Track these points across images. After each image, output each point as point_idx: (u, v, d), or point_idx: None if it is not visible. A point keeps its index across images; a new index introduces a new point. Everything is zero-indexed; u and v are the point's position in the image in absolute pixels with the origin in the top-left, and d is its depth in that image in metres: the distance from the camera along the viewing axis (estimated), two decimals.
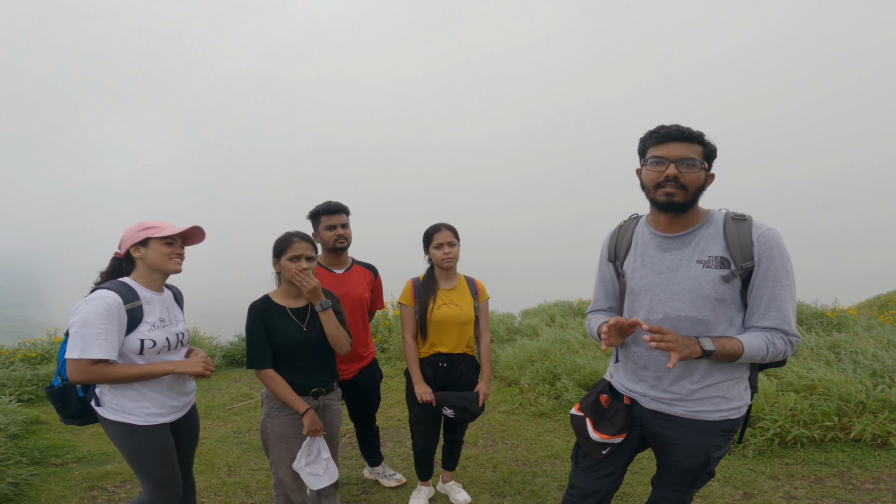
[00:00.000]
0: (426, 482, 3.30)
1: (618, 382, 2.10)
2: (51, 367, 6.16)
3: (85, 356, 2.04)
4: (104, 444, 4.25)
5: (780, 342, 1.78)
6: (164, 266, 2.27)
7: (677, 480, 2.03)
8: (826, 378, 4.10)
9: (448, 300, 2.97)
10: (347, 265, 3.21)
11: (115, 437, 2.25)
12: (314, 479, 2.58)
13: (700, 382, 1.88)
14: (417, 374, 2.98)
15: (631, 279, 2.01)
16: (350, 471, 3.77)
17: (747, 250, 1.79)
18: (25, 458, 3.79)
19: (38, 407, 5.31)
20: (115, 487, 3.50)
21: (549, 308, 8.54)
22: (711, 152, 1.85)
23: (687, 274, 1.85)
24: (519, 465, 3.79)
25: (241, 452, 4.11)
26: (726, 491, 3.28)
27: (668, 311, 1.88)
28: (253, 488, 3.49)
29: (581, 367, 5.21)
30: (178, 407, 2.35)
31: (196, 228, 2.36)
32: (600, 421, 2.04)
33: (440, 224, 2.97)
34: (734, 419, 1.92)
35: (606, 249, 2.15)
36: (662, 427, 1.98)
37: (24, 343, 7.39)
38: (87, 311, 2.07)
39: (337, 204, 3.09)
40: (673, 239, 1.91)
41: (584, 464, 2.16)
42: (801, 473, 3.46)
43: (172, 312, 2.39)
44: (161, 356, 2.26)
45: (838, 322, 6.20)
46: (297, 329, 2.55)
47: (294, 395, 2.51)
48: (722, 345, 1.78)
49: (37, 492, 3.40)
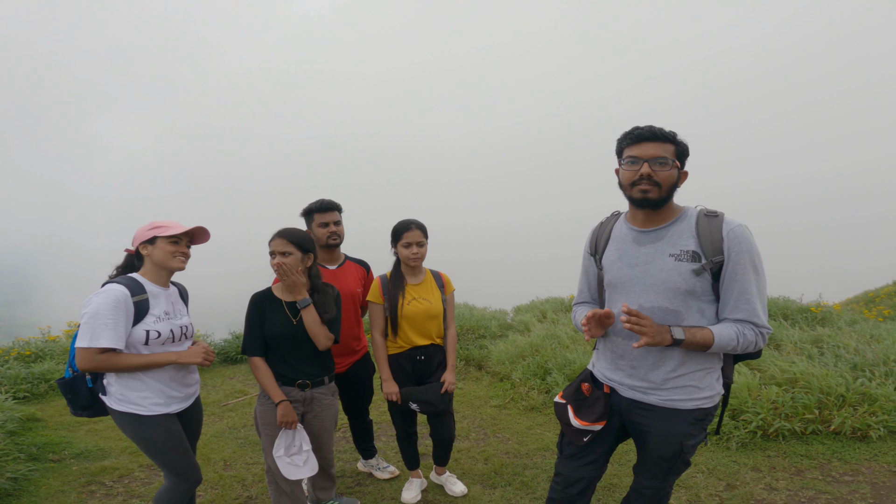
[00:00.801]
0: (416, 472, 3.39)
1: (598, 371, 2.21)
2: (45, 365, 6.20)
3: (94, 345, 2.18)
4: (101, 441, 4.31)
5: (751, 333, 1.88)
6: (169, 263, 2.40)
7: (654, 468, 2.12)
8: (807, 372, 4.21)
9: (417, 295, 3.04)
10: (340, 261, 3.28)
11: (125, 428, 2.37)
12: (293, 469, 2.67)
13: (673, 372, 1.97)
14: (386, 371, 3.07)
15: (609, 272, 2.11)
16: (344, 464, 3.85)
17: (718, 245, 1.88)
18: (23, 454, 3.83)
19: (34, 404, 5.35)
20: (112, 482, 3.56)
21: (540, 304, 8.65)
22: (683, 151, 1.95)
23: (660, 267, 1.95)
24: (510, 458, 3.88)
25: (237, 447, 4.18)
26: (710, 482, 3.38)
27: (642, 302, 1.98)
28: (249, 481, 3.56)
29: (571, 362, 5.30)
30: (179, 398, 2.46)
31: (201, 229, 2.50)
32: (581, 408, 2.13)
33: (410, 222, 3.00)
34: (706, 408, 2.01)
35: (588, 244, 2.27)
36: (639, 415, 2.07)
37: (18, 342, 7.41)
38: (97, 302, 2.21)
39: (330, 202, 3.17)
40: (648, 233, 2.01)
41: (567, 451, 2.25)
42: (782, 465, 3.56)
43: (177, 307, 2.53)
44: (165, 347, 2.40)
45: (823, 317, 6.33)
46: (286, 322, 2.68)
47: (273, 385, 2.65)
48: (693, 334, 1.87)
49: (35, 487, 3.45)
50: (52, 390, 5.87)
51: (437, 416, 3.11)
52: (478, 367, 6.42)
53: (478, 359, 6.48)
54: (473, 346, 6.77)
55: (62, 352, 6.88)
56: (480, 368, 6.36)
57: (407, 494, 3.29)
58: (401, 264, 3.07)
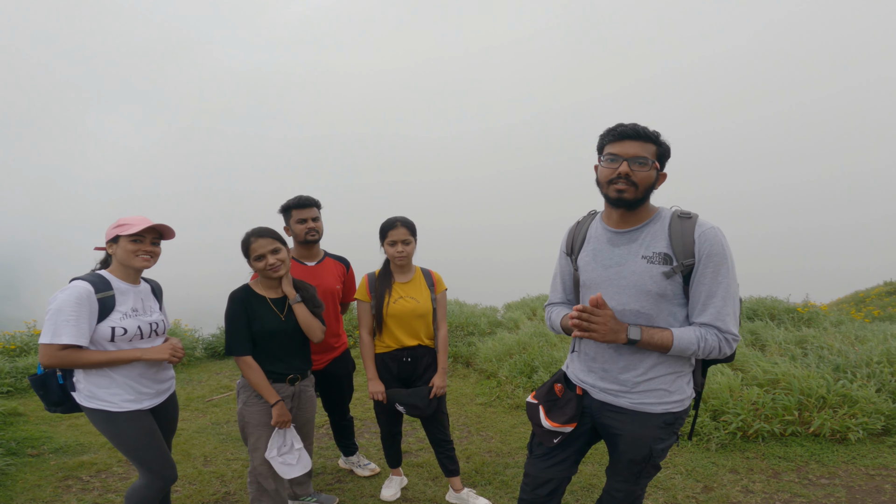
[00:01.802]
0: (397, 470, 3.38)
1: (572, 373, 2.19)
2: (30, 360, 6.18)
3: (55, 341, 2.16)
4: (81, 436, 4.29)
5: (713, 338, 1.84)
6: (131, 262, 2.37)
7: (625, 471, 2.11)
8: (789, 373, 4.20)
9: (404, 293, 3.00)
10: (319, 258, 3.27)
11: (98, 425, 2.35)
12: (287, 468, 2.67)
13: (644, 375, 1.96)
14: (372, 370, 3.03)
15: (583, 273, 2.08)
16: (325, 460, 3.84)
17: (689, 247, 1.85)
18: (2, 448, 3.81)
19: (17, 399, 5.32)
20: (89, 477, 3.54)
21: (531, 302, 8.66)
22: (665, 152, 1.92)
23: (632, 269, 1.92)
24: (492, 456, 3.88)
25: (218, 443, 4.17)
26: (687, 484, 3.39)
27: (614, 304, 1.95)
28: (228, 477, 3.55)
29: (558, 361, 5.31)
30: (150, 394, 2.42)
31: (162, 226, 2.43)
32: (553, 409, 2.11)
33: (396, 219, 2.96)
34: (676, 412, 2.00)
35: (564, 244, 2.24)
36: (609, 418, 2.06)
37: (4, 335, 7.37)
38: (61, 299, 2.19)
39: (307, 198, 3.15)
40: (622, 234, 1.99)
41: (537, 452, 2.23)
42: (759, 467, 3.56)
43: (147, 304, 2.49)
44: (133, 344, 2.36)
45: (809, 318, 6.35)
46: (275, 318, 2.66)
47: (268, 385, 2.62)
48: (650, 335, 1.86)
49: (12, 481, 3.43)
50: None
51: (428, 418, 3.06)
52: (465, 364, 6.43)
53: (466, 356, 6.49)
54: (462, 344, 6.77)
55: None
56: (468, 366, 6.37)
57: (386, 492, 3.28)
58: (389, 263, 3.04)
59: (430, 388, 2.99)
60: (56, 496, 3.25)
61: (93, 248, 2.51)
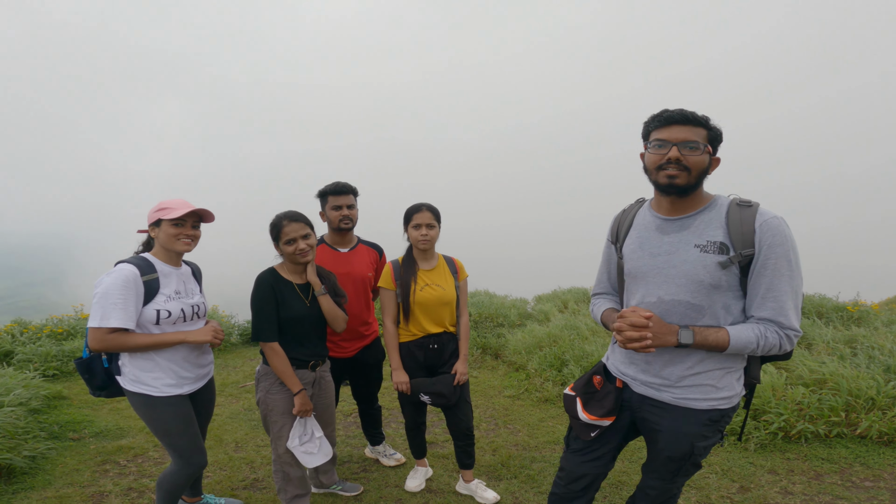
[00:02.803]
0: (422, 461, 3.37)
1: (612, 365, 2.12)
2: (76, 343, 6.41)
3: (104, 325, 2.20)
4: (121, 420, 4.44)
5: (774, 336, 1.74)
6: (172, 246, 2.40)
7: (661, 468, 2.03)
8: (837, 372, 4.01)
9: (430, 281, 2.96)
10: (352, 244, 3.25)
11: (137, 408, 2.41)
12: (309, 457, 2.69)
13: (690, 369, 1.86)
14: (396, 360, 2.99)
15: (628, 261, 2.00)
16: (352, 449, 3.86)
17: (749, 237, 1.74)
18: (45, 432, 3.97)
19: (62, 382, 5.55)
20: (126, 461, 3.65)
21: (562, 294, 8.52)
22: (716, 136, 1.81)
23: (683, 258, 1.83)
24: (518, 450, 3.83)
25: (250, 429, 4.24)
26: (723, 483, 3.26)
27: (662, 294, 1.86)
28: (257, 464, 3.61)
29: (589, 354, 5.20)
30: (191, 378, 2.47)
31: (202, 210, 2.46)
32: (590, 402, 2.05)
33: (422, 204, 2.93)
34: (723, 409, 1.89)
35: (609, 231, 2.16)
36: (650, 412, 1.98)
37: (52, 319, 7.66)
38: (107, 282, 2.23)
39: (344, 185, 3.12)
40: (673, 222, 1.89)
41: (574, 446, 2.18)
42: (800, 469, 3.41)
43: (189, 286, 2.53)
44: (176, 326, 2.41)
45: (859, 317, 6.04)
46: (301, 304, 2.66)
47: (292, 373, 2.61)
48: (704, 337, 1.76)
49: (52, 465, 3.55)
50: None
51: (451, 407, 3.03)
52: (494, 356, 6.37)
53: (494, 347, 6.43)
54: (491, 335, 6.71)
55: None
56: (497, 357, 6.31)
57: (411, 482, 3.28)
58: (412, 249, 3.00)
59: (453, 375, 2.96)
60: (93, 480, 3.36)
61: (134, 234, 2.57)
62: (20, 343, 6.41)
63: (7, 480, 3.25)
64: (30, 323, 7.47)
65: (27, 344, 6.34)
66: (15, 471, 3.32)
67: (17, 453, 3.36)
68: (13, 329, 6.98)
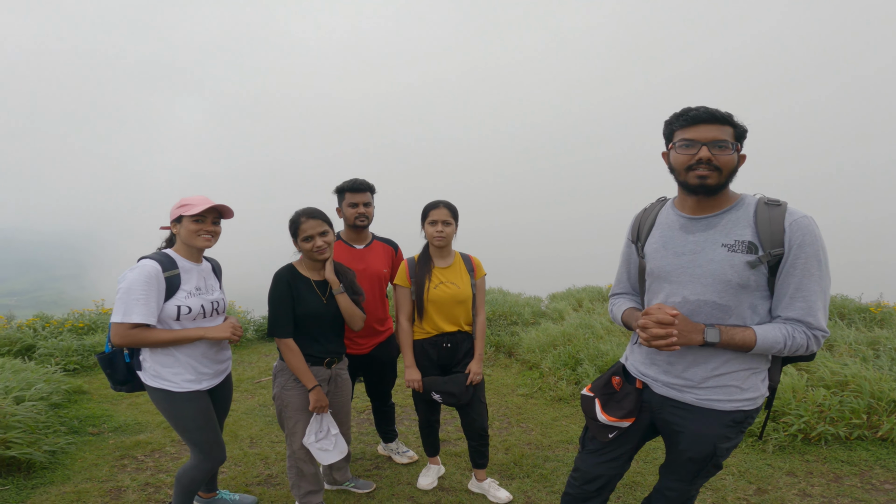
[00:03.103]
0: (434, 459, 3.37)
1: (632, 365, 2.09)
2: (97, 338, 6.52)
3: (126, 320, 2.23)
4: (139, 415, 4.51)
5: (801, 336, 1.72)
6: (193, 242, 2.43)
7: (681, 470, 2.00)
8: (859, 374, 3.93)
9: (444, 279, 2.95)
10: (367, 241, 3.26)
11: (157, 403, 2.44)
12: (324, 454, 2.69)
13: (715, 371, 1.83)
14: (410, 357, 2.99)
15: (651, 261, 1.96)
16: (365, 446, 3.88)
17: (778, 237, 1.72)
18: (65, 426, 4.03)
19: (83, 377, 5.65)
20: (144, 457, 3.70)
21: (577, 293, 8.45)
22: (742, 133, 1.78)
23: (710, 257, 1.80)
24: (532, 449, 3.81)
25: (265, 425, 4.28)
26: (739, 485, 3.21)
27: (687, 294, 1.83)
28: (271, 460, 3.64)
29: (604, 353, 5.15)
30: (209, 374, 2.50)
31: (222, 206, 2.48)
32: (609, 403, 2.02)
33: (439, 201, 2.93)
34: (747, 410, 1.86)
35: (630, 231, 2.13)
36: (671, 414, 1.95)
37: (73, 313, 7.77)
38: (130, 278, 2.26)
39: (362, 182, 3.12)
40: (698, 221, 1.86)
41: (590, 447, 2.15)
42: (819, 471, 3.34)
43: (209, 282, 2.56)
44: (196, 322, 2.43)
45: (882, 318, 5.91)
46: (318, 301, 2.67)
47: (307, 369, 2.62)
48: (730, 336, 1.74)
49: (71, 460, 3.60)
50: None
51: (464, 406, 3.01)
52: (507, 354, 6.35)
53: (508, 346, 6.41)
54: (504, 333, 6.69)
55: None
56: (510, 356, 6.29)
57: (423, 480, 3.28)
58: (429, 247, 3.00)
59: (465, 374, 2.94)
60: (111, 476, 3.40)
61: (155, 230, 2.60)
62: (42, 337, 6.54)
63: (26, 475, 3.30)
64: (52, 317, 7.59)
65: (49, 338, 6.46)
66: (35, 465, 3.37)
67: (37, 448, 3.41)
68: (35, 323, 7.11)
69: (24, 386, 4.08)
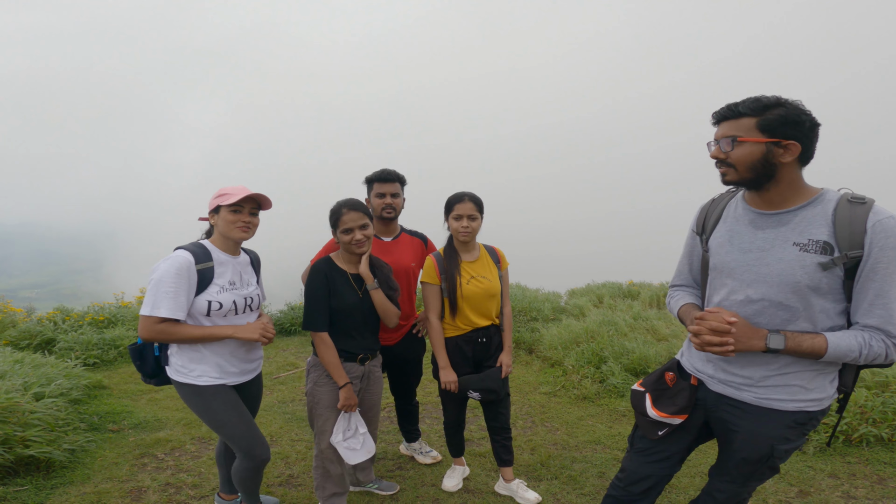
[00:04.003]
0: (459, 460, 3.28)
1: (687, 362, 2.01)
2: (117, 331, 6.49)
3: (154, 314, 2.15)
4: (159, 411, 4.47)
5: (879, 345, 1.60)
6: (230, 233, 2.34)
7: (734, 471, 1.91)
8: None
9: (475, 273, 2.86)
10: (395, 233, 3.17)
11: (186, 400, 2.37)
12: (351, 453, 2.62)
13: (777, 370, 1.74)
14: (444, 358, 2.89)
15: (715, 255, 1.87)
16: (387, 445, 3.80)
17: (858, 238, 1.59)
18: (84, 423, 3.98)
19: (102, 371, 5.63)
20: (164, 455, 3.63)
21: (597, 289, 8.30)
22: (773, 121, 1.61)
23: (779, 256, 1.69)
24: (558, 449, 3.70)
25: (284, 422, 4.21)
26: (780, 487, 3.09)
27: (751, 293, 1.74)
28: (292, 459, 3.56)
29: (630, 351, 5.02)
30: (235, 373, 2.41)
31: (260, 196, 2.39)
32: (661, 398, 1.96)
33: (464, 193, 2.81)
34: (811, 411, 1.75)
35: (695, 222, 2.04)
36: (727, 412, 1.86)
37: (93, 307, 7.77)
38: (162, 269, 2.17)
39: (391, 173, 3.03)
40: (769, 216, 1.75)
41: (639, 446, 2.08)
42: (863, 473, 3.23)
43: (245, 276, 2.47)
44: (228, 319, 2.34)
45: None
46: (354, 295, 2.60)
47: (339, 365, 2.55)
48: (798, 343, 1.63)
49: (91, 458, 3.53)
50: (121, 357, 6.15)
51: (494, 402, 2.95)
52: (528, 350, 6.23)
53: (529, 342, 6.29)
54: (525, 329, 6.56)
55: (133, 318, 7.17)
56: (531, 353, 6.17)
57: (448, 482, 3.19)
58: (453, 241, 2.89)
59: (499, 368, 2.87)
60: (131, 475, 3.33)
61: (168, 226, 2.51)
62: (62, 331, 6.53)
63: (46, 475, 3.22)
64: (72, 310, 7.58)
65: (69, 332, 6.45)
66: (54, 464, 3.29)
67: (56, 446, 3.34)
68: (55, 317, 7.12)
69: (44, 381, 4.04)
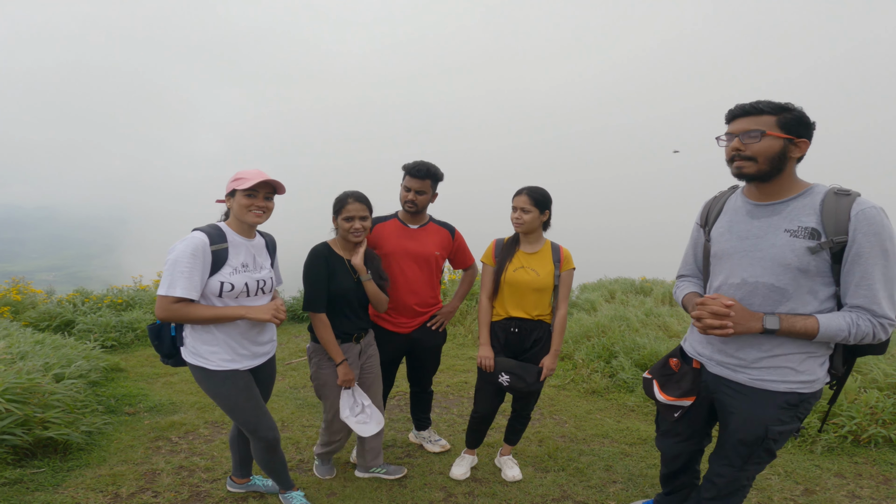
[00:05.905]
0: (472, 451, 3.33)
1: (689, 346, 2.17)
2: (134, 314, 6.63)
3: (170, 293, 2.19)
4: (174, 394, 4.56)
5: (866, 324, 1.73)
6: (244, 217, 2.37)
7: (731, 453, 2.02)
8: None
9: (526, 264, 2.92)
10: (423, 222, 3.20)
11: (199, 381, 2.42)
12: (363, 426, 2.79)
13: (769, 351, 1.86)
14: (485, 335, 3.00)
15: (716, 244, 2.05)
16: (396, 433, 3.85)
17: (843, 225, 1.74)
18: (102, 405, 4.05)
19: (120, 354, 5.76)
20: (178, 438, 3.69)
21: (609, 284, 8.29)
22: (790, 120, 1.78)
23: (772, 241, 1.85)
24: (566, 442, 3.73)
25: (295, 408, 4.28)
26: (786, 485, 3.09)
27: (746, 275, 1.89)
28: (303, 444, 3.62)
29: (641, 347, 5.03)
30: (247, 355, 2.44)
31: (275, 181, 2.40)
32: (668, 383, 2.15)
33: (523, 188, 2.91)
34: (802, 393, 1.87)
35: (700, 215, 2.21)
36: (724, 394, 2.00)
37: (112, 289, 7.89)
38: (179, 249, 2.21)
39: (425, 168, 3.02)
40: (763, 207, 1.91)
41: (662, 428, 2.33)
42: (869, 473, 3.24)
43: (259, 259, 2.50)
44: (239, 301, 2.38)
45: None
46: (349, 279, 2.74)
47: (336, 344, 2.72)
48: (791, 324, 1.76)
49: (107, 441, 3.58)
50: (138, 340, 6.28)
51: (524, 395, 3.03)
52: None
53: None
54: None
55: (150, 301, 7.30)
56: None
57: (457, 470, 3.23)
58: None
59: (539, 368, 2.92)
60: (146, 458, 3.38)
61: (183, 215, 2.54)
62: (81, 313, 6.68)
63: (63, 457, 3.27)
64: (91, 293, 7.72)
65: (88, 314, 6.60)
66: (71, 447, 3.35)
67: (75, 428, 3.40)
68: (75, 299, 7.27)
69: (64, 363, 4.13)
